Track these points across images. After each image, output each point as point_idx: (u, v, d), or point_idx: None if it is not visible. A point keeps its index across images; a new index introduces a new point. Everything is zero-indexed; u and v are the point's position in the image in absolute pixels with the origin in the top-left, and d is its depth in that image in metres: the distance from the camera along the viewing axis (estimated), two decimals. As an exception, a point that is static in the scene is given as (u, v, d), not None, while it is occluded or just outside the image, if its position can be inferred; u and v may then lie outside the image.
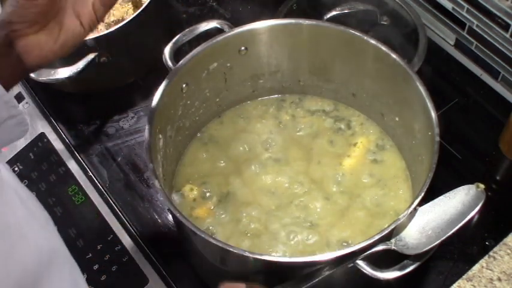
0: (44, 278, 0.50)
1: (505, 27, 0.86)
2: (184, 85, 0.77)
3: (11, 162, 0.89)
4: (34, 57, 0.65)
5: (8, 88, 0.65)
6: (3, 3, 0.92)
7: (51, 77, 0.85)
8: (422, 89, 0.71)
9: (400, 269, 0.62)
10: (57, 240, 0.57)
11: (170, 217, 0.83)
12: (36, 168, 0.88)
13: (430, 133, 0.68)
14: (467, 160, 0.87)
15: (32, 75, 0.84)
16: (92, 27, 0.67)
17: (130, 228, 0.82)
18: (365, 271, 0.61)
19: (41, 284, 0.49)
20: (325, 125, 0.85)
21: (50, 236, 0.56)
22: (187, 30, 0.80)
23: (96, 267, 0.79)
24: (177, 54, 0.77)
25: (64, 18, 0.66)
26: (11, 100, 0.64)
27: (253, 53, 0.81)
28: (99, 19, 0.66)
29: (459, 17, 0.92)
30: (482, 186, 0.64)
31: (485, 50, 0.92)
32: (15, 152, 0.91)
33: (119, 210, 0.84)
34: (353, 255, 0.61)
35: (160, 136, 0.73)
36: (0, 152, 0.91)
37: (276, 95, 0.88)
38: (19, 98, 0.97)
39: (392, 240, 0.64)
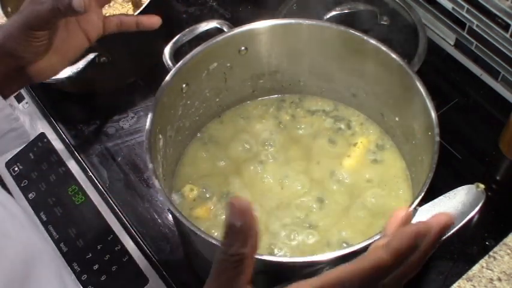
0: (31, 276, 0.50)
1: (505, 27, 0.86)
2: (184, 85, 0.77)
3: (11, 162, 0.89)
4: (46, 76, 0.68)
5: (7, 96, 0.66)
6: (3, 3, 0.92)
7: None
8: (422, 89, 0.71)
9: (400, 269, 0.62)
10: (41, 240, 0.57)
11: (170, 217, 0.83)
12: (36, 168, 0.88)
13: (430, 133, 0.68)
14: (467, 160, 0.87)
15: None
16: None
17: (130, 228, 0.82)
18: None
19: (28, 282, 0.49)
20: (325, 125, 0.85)
21: (33, 235, 0.56)
22: (187, 30, 0.80)
23: (96, 267, 0.79)
24: (177, 54, 0.78)
25: (72, 38, 0.70)
26: (12, 113, 0.65)
27: (253, 53, 0.81)
28: (105, 32, 0.73)
29: (459, 17, 0.93)
30: (482, 186, 0.64)
31: (485, 50, 0.92)
32: (15, 152, 0.91)
33: (119, 210, 0.84)
34: (353, 255, 0.61)
35: (160, 136, 0.73)
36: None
37: (276, 95, 0.88)
38: (19, 98, 0.97)
39: (393, 240, 0.64)
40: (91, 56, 0.86)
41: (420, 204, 0.64)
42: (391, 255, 0.45)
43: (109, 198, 0.85)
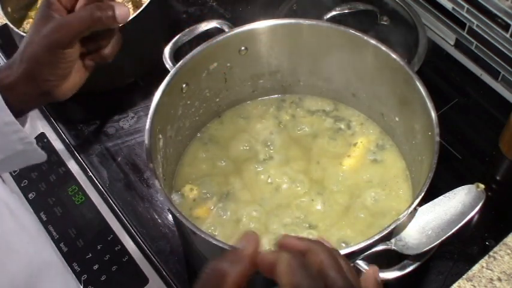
0: None
1: (505, 27, 0.86)
2: (184, 85, 0.77)
3: (11, 162, 0.89)
4: (68, 95, 0.67)
5: (24, 114, 0.66)
6: (3, 3, 0.92)
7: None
8: (422, 89, 0.71)
9: (400, 269, 0.62)
10: (49, 253, 0.57)
11: (170, 217, 0.83)
12: (36, 168, 0.88)
13: (430, 133, 0.68)
14: (467, 160, 0.87)
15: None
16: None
17: (130, 228, 0.82)
18: (365, 271, 0.61)
19: None
20: (325, 125, 0.85)
21: (42, 248, 0.56)
22: (187, 30, 0.80)
23: (96, 267, 0.79)
24: (177, 54, 0.77)
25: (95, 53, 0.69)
26: (27, 137, 0.65)
27: (253, 53, 0.81)
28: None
29: (459, 17, 0.93)
30: (482, 186, 0.64)
31: (485, 50, 0.92)
32: (15, 152, 0.90)
33: (119, 210, 0.84)
34: (353, 255, 0.61)
35: (160, 136, 0.73)
36: None
37: (276, 95, 0.88)
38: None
39: (393, 240, 0.64)
40: (91, 56, 0.86)
41: (420, 204, 0.64)
42: None
43: (109, 198, 0.85)
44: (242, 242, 0.46)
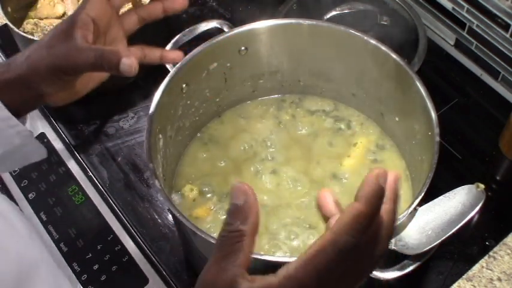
0: None
1: (505, 27, 0.86)
2: (184, 85, 0.77)
3: (11, 162, 0.89)
4: (62, 102, 0.67)
5: (21, 115, 0.65)
6: (3, 3, 0.92)
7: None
8: (422, 89, 0.71)
9: (400, 269, 0.62)
10: (39, 251, 0.56)
11: (170, 217, 0.83)
12: (36, 168, 0.88)
13: (430, 133, 0.68)
14: (467, 160, 0.87)
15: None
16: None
17: (130, 228, 0.82)
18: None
19: None
20: (325, 125, 0.85)
21: (32, 246, 0.55)
22: (187, 30, 0.80)
23: (96, 267, 0.79)
24: (177, 54, 0.77)
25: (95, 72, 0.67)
26: (25, 130, 0.65)
27: (253, 53, 0.81)
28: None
29: (459, 17, 0.93)
30: (482, 186, 0.64)
31: (485, 50, 0.92)
32: (15, 152, 0.90)
33: (119, 210, 0.84)
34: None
35: (160, 136, 0.73)
36: None
37: (276, 95, 0.88)
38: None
39: (393, 240, 0.64)
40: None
41: (420, 204, 0.64)
42: (364, 202, 0.47)
43: (109, 198, 0.85)
44: (239, 196, 0.48)
